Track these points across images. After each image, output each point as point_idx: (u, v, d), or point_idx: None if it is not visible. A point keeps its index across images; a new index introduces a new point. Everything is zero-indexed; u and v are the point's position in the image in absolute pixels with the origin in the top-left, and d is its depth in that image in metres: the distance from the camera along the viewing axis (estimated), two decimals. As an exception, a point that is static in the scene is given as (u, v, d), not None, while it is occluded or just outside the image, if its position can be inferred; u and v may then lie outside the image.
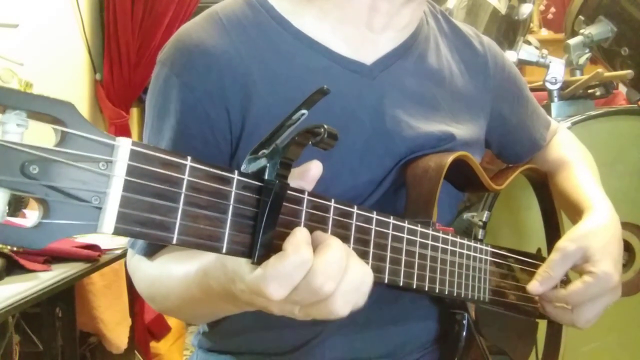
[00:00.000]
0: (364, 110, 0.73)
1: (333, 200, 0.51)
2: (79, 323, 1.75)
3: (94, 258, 1.50)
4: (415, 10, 0.79)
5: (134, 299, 2.13)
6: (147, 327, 2.36)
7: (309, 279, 0.44)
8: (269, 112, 0.69)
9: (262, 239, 0.44)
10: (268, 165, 0.45)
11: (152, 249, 0.71)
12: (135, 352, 2.18)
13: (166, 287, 0.65)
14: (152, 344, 2.43)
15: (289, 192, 0.46)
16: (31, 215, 1.42)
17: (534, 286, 0.77)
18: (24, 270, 1.35)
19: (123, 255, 1.63)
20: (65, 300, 1.67)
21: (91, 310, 1.83)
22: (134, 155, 0.38)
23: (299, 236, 0.45)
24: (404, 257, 0.60)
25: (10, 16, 1.97)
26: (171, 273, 0.63)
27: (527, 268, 0.85)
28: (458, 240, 0.70)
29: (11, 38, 1.91)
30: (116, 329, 1.93)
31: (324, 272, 0.45)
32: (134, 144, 0.38)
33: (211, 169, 0.42)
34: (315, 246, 0.47)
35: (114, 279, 1.94)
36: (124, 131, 2.65)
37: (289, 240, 0.45)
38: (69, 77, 2.48)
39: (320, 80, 0.71)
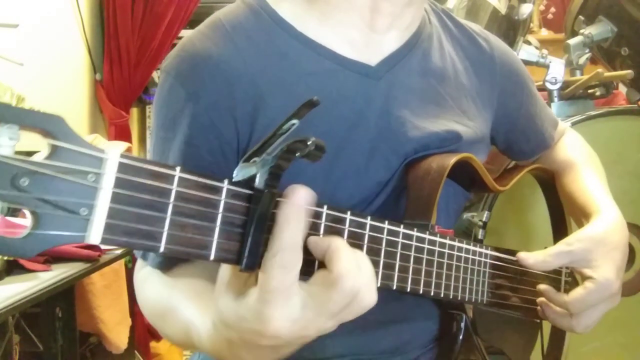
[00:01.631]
0: (370, 111, 0.73)
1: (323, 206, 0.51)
2: (79, 323, 1.76)
3: (94, 258, 1.50)
4: (417, 10, 0.79)
5: (134, 299, 2.13)
6: (147, 327, 2.36)
7: (339, 287, 0.45)
8: (276, 118, 0.68)
9: (250, 246, 0.44)
10: (258, 173, 0.45)
11: (168, 263, 0.70)
12: (135, 352, 2.19)
13: (171, 328, 0.63)
14: (152, 344, 2.44)
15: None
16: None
17: (527, 257, 0.77)
18: (24, 270, 1.36)
19: (123, 255, 1.64)
20: (65, 300, 1.67)
21: (91, 310, 1.84)
22: (122, 167, 0.38)
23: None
24: (397, 262, 0.60)
25: (10, 16, 1.97)
26: (179, 314, 0.60)
27: (527, 270, 0.85)
28: (456, 243, 0.69)
29: (11, 38, 1.91)
30: (116, 329, 1.94)
31: (349, 273, 0.45)
32: (122, 156, 0.38)
33: (200, 179, 0.43)
34: (321, 253, 0.48)
35: (114, 279, 1.94)
36: (124, 131, 2.65)
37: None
38: (69, 77, 2.48)
39: (325, 84, 0.72)
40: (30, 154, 0.36)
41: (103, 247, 1.56)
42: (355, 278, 0.46)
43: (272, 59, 0.71)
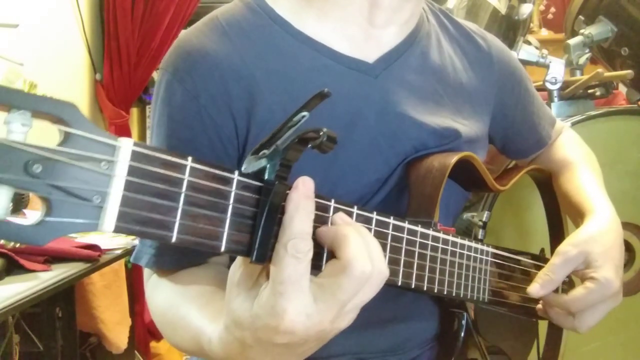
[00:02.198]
0: (368, 109, 0.73)
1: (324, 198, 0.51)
2: (79, 323, 1.76)
3: (94, 258, 1.50)
4: (416, 5, 0.79)
5: (134, 299, 2.13)
6: (147, 327, 2.36)
7: (348, 272, 0.45)
8: (273, 115, 0.69)
9: (261, 237, 0.44)
10: (268, 166, 0.45)
11: (173, 265, 0.70)
12: (135, 352, 2.19)
13: (181, 337, 0.63)
14: (152, 344, 2.43)
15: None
16: (31, 215, 1.42)
17: (535, 288, 0.76)
18: (24, 270, 1.35)
19: (123, 255, 1.64)
20: (65, 300, 1.67)
21: (91, 310, 1.84)
22: (135, 155, 0.38)
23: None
24: (402, 257, 0.60)
25: (10, 16, 1.97)
26: (188, 322, 0.60)
27: (528, 269, 0.85)
28: (458, 240, 0.69)
29: (11, 38, 1.91)
30: (116, 329, 1.94)
31: (357, 258, 0.45)
32: (135, 144, 0.38)
33: (211, 170, 0.43)
34: (329, 241, 0.48)
35: (114, 279, 1.94)
36: (124, 131, 2.65)
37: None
38: (69, 77, 2.48)
39: (324, 81, 0.72)
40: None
41: (104, 247, 1.56)
42: (365, 262, 0.45)
43: (269, 56, 0.71)
